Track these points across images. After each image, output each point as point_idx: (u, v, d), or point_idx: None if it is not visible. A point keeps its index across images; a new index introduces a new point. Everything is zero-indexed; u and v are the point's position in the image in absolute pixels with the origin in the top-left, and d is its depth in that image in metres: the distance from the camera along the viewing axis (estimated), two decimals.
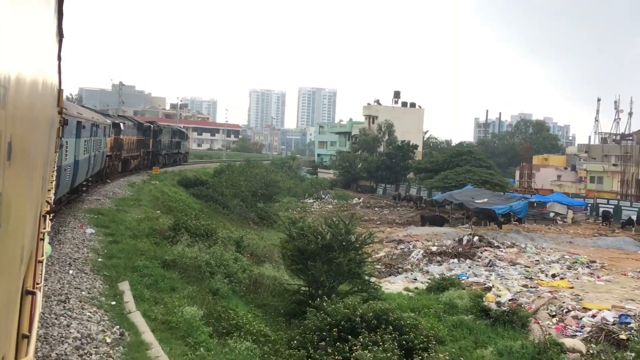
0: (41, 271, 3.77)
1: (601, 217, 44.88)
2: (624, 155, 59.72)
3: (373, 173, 68.07)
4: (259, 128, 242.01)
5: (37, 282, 3.44)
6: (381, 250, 30.72)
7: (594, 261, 28.25)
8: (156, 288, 12.64)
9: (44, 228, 4.32)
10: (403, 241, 33.42)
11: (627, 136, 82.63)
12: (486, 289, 22.33)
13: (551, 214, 45.81)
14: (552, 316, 18.73)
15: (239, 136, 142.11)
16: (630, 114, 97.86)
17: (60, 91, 7.68)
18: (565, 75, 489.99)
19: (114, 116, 36.13)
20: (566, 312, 18.84)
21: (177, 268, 14.52)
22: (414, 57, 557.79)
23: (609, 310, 18.49)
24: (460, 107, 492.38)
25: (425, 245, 31.63)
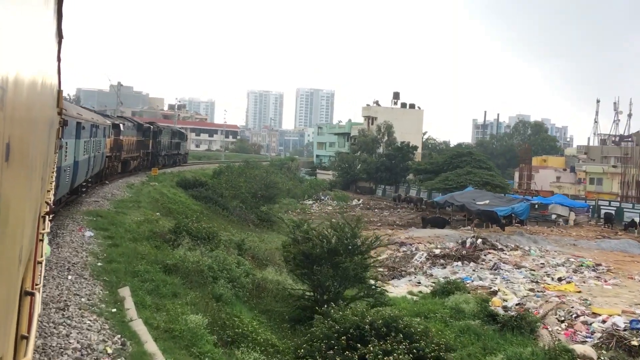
0: (40, 272, 3.77)
1: (603, 219, 44.63)
2: (623, 157, 59.57)
3: (372, 174, 67.78)
4: (257, 129, 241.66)
5: (36, 283, 3.47)
6: (383, 253, 30.34)
7: (599, 264, 27.95)
8: (158, 294, 12.25)
9: (43, 229, 4.32)
10: (405, 243, 33.06)
11: (627, 137, 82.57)
12: (492, 293, 21.99)
13: (553, 216, 45.54)
14: (561, 321, 18.39)
15: (237, 137, 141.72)
16: (629, 116, 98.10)
17: (60, 92, 7.71)
18: (563, 75, 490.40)
19: (114, 117, 35.79)
20: (575, 317, 18.50)
21: (179, 273, 14.13)
22: (412, 58, 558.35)
23: (620, 315, 18.17)
24: (458, 108, 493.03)
25: (428, 248, 31.27)
